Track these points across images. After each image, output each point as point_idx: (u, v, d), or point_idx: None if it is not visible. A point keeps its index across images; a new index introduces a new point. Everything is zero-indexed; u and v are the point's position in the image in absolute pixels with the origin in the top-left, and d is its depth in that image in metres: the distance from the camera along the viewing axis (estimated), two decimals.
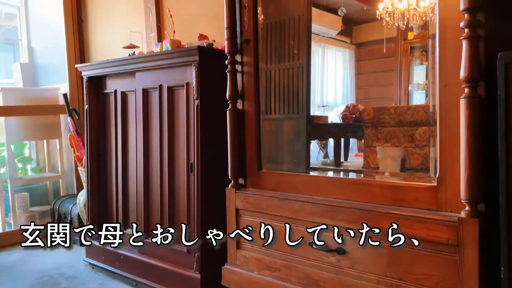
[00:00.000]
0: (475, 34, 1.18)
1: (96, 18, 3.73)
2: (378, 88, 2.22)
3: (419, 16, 1.96)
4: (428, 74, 1.94)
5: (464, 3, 1.19)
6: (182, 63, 2.12)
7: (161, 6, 3.01)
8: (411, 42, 2.05)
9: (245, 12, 1.87)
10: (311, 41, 2.16)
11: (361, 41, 2.24)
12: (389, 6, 2.01)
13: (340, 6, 2.20)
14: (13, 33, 5.38)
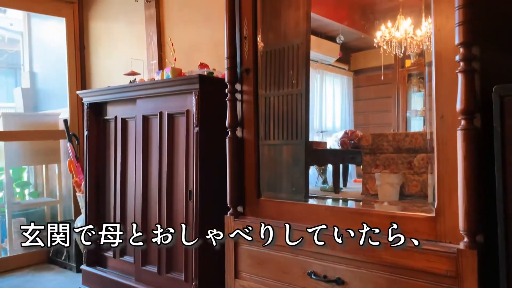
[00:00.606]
0: (470, 68, 1.21)
1: (98, 45, 3.79)
2: (377, 114, 2.23)
3: (416, 45, 1.99)
4: (425, 101, 1.96)
5: (459, 37, 1.22)
6: (183, 91, 2.15)
7: (163, 34, 3.07)
8: (409, 70, 2.07)
9: (245, 42, 1.91)
10: (310, 68, 2.19)
11: (359, 68, 2.27)
12: (386, 34, 2.05)
13: (338, 34, 2.25)
14: (15, 57, 5.45)
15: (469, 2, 1.21)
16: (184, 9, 2.93)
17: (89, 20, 3.86)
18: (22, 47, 4.89)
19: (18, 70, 5.52)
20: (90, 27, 3.86)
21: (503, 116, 1.14)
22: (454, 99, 1.25)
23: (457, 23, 1.22)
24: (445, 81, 1.30)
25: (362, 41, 2.26)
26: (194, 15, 2.86)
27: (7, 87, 5.96)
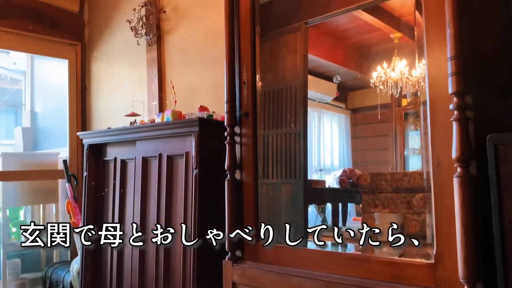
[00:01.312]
0: (464, 117, 1.24)
1: (99, 86, 3.86)
2: (374, 152, 2.24)
3: (411, 85, 2.03)
4: (421, 140, 1.98)
5: (452, 87, 1.25)
6: (183, 133, 2.18)
7: (164, 76, 3.13)
8: (405, 109, 2.10)
9: (244, 87, 1.95)
10: (308, 108, 2.22)
11: (356, 106, 2.30)
12: (382, 75, 2.09)
13: (335, 74, 2.29)
14: (17, 95, 5.52)
15: (461, 53, 1.25)
16: (185, 53, 3.01)
17: (92, 62, 3.95)
18: (24, 87, 4.97)
19: (19, 108, 5.58)
20: (92, 69, 3.94)
21: (498, 164, 1.16)
22: (449, 146, 1.27)
23: (450, 73, 1.26)
24: (440, 128, 1.33)
25: (359, 80, 2.30)
26: (194, 58, 2.93)
27: (7, 124, 6.01)
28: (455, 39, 1.24)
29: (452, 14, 1.25)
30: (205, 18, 2.87)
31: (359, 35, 2.25)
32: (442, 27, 1.31)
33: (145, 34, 3.15)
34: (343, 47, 2.34)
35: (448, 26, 1.25)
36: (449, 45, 1.25)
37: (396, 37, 2.06)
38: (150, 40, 3.16)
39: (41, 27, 3.72)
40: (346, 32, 2.28)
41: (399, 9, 1.96)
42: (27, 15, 3.64)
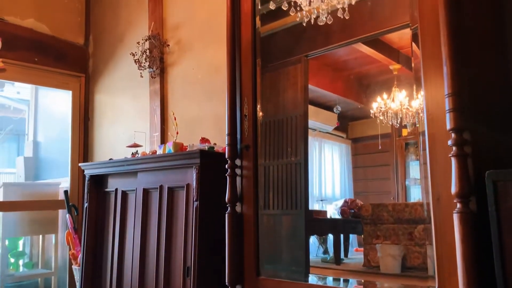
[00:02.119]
0: (462, 152, 1.25)
1: (102, 117, 3.90)
2: (376, 182, 2.24)
3: (412, 115, 2.05)
4: (421, 170, 1.98)
5: (450, 123, 1.27)
6: (184, 165, 2.19)
7: (166, 108, 3.17)
8: (406, 139, 2.10)
9: (245, 120, 1.98)
10: (308, 138, 2.23)
11: (357, 136, 2.30)
12: (382, 106, 2.11)
13: (335, 104, 2.31)
14: (19, 124, 5.57)
15: (458, 90, 1.27)
16: (187, 85, 3.06)
17: (95, 93, 4.01)
18: (27, 117, 5.03)
19: (21, 137, 5.62)
20: (96, 99, 3.99)
21: (497, 200, 1.16)
22: (449, 181, 1.28)
23: (448, 109, 1.28)
24: (439, 163, 1.34)
25: (359, 110, 2.31)
26: (196, 90, 2.98)
27: (9, 152, 6.03)
28: (452, 77, 1.27)
29: (448, 53, 1.28)
30: (207, 51, 2.94)
31: (359, 66, 2.28)
32: (439, 64, 1.34)
33: (148, 66, 3.21)
34: (343, 78, 2.37)
35: (444, 64, 1.29)
36: (446, 82, 1.28)
37: (395, 69, 2.09)
38: (153, 72, 3.21)
39: (46, 59, 3.80)
40: (346, 63, 2.31)
41: (397, 41, 1.99)
42: (33, 47, 3.72)
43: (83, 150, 3.90)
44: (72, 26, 4.00)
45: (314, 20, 1.94)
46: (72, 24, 4.01)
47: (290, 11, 2.01)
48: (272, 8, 2.02)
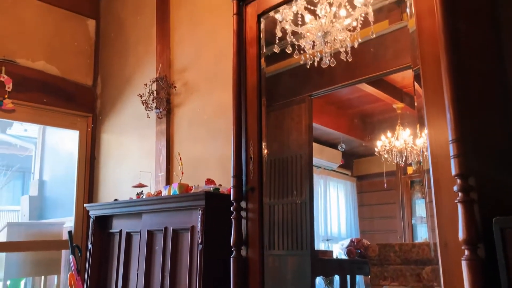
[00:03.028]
0: (468, 198, 1.25)
1: (108, 156, 3.93)
2: (382, 221, 2.22)
3: (416, 154, 2.05)
4: (427, 208, 1.97)
5: (455, 169, 1.28)
6: (189, 207, 2.19)
7: (172, 148, 3.20)
8: (411, 177, 2.10)
9: (251, 162, 1.99)
10: (313, 176, 2.23)
11: (362, 173, 2.30)
12: (386, 144, 2.12)
13: (340, 142, 2.33)
14: (25, 161, 5.61)
15: (462, 136, 1.28)
16: (193, 126, 3.09)
17: (102, 133, 4.06)
18: (34, 155, 5.07)
19: (27, 174, 5.64)
20: (102, 139, 4.04)
21: (505, 248, 1.15)
22: (456, 227, 1.26)
23: (452, 155, 1.29)
24: (446, 209, 1.34)
25: (363, 148, 2.32)
26: (202, 131, 3.01)
27: (14, 189, 6.04)
28: (455, 122, 1.28)
29: (451, 99, 1.30)
30: (213, 93, 2.99)
31: (363, 105, 2.31)
32: (442, 107, 1.36)
33: (155, 107, 3.26)
34: (347, 116, 2.39)
35: (448, 110, 1.30)
36: (450, 128, 1.29)
37: (398, 107, 2.12)
38: (160, 113, 3.26)
39: (55, 100, 3.88)
40: (349, 102, 2.34)
41: (400, 80, 2.02)
42: (42, 88, 3.81)
43: (88, 189, 3.91)
44: (81, 67, 4.11)
45: (317, 63, 1.99)
46: (81, 65, 4.12)
47: (294, 54, 2.07)
48: (277, 51, 2.08)
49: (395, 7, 1.88)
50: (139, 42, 3.75)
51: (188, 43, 3.25)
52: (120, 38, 4.00)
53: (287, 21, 2.05)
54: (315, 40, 2.00)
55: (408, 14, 1.62)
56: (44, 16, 3.94)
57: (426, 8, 1.48)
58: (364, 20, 1.92)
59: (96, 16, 4.26)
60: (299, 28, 2.03)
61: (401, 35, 1.75)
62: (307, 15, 2.02)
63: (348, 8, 1.93)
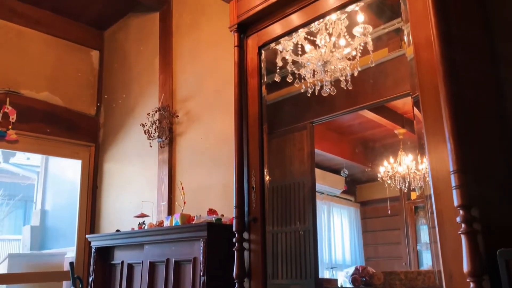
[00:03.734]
0: (472, 230, 1.24)
1: (110, 185, 3.93)
2: (387, 247, 2.19)
3: (419, 179, 2.03)
4: (430, 234, 1.94)
5: (458, 200, 1.27)
6: (191, 238, 2.17)
7: (174, 177, 3.20)
8: (415, 202, 2.07)
9: (253, 192, 1.98)
10: (316, 201, 2.21)
11: (365, 199, 2.28)
12: (389, 169, 2.11)
13: (342, 168, 2.31)
14: (27, 190, 5.60)
15: (463, 167, 1.28)
16: (196, 154, 3.10)
17: (104, 162, 4.07)
18: (36, 185, 5.07)
19: (29, 203, 5.63)
20: (105, 168, 4.05)
21: (511, 280, 1.13)
22: (460, 258, 1.25)
23: (454, 186, 1.28)
24: (449, 241, 1.32)
25: (366, 174, 2.30)
26: (204, 160, 3.02)
27: (15, 218, 6.02)
28: (456, 153, 1.28)
29: (451, 130, 1.30)
30: (215, 122, 3.01)
31: (364, 130, 2.31)
32: (441, 135, 1.35)
33: (157, 137, 3.28)
34: (349, 141, 2.39)
35: (448, 140, 1.30)
36: (451, 159, 1.29)
37: (400, 133, 2.11)
38: (162, 142, 3.28)
39: (58, 130, 3.91)
40: (351, 128, 2.34)
41: (401, 106, 2.03)
42: (46, 119, 3.85)
43: (90, 219, 3.89)
44: (84, 97, 4.16)
45: (318, 91, 2.01)
46: (84, 95, 4.17)
47: (294, 83, 2.10)
48: (277, 80, 2.10)
49: (394, 35, 1.91)
50: (142, 72, 3.80)
51: (190, 73, 3.30)
52: (123, 68, 4.06)
53: (288, 51, 2.08)
54: (315, 69, 2.03)
55: (406, 42, 1.64)
56: (49, 48, 4.01)
57: (424, 39, 1.50)
58: (364, 49, 1.94)
59: (99, 47, 4.34)
60: (299, 58, 2.06)
61: (401, 62, 1.76)
62: (307, 45, 2.05)
63: (347, 38, 1.96)
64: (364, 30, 1.93)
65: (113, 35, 4.31)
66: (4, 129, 3.55)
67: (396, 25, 1.80)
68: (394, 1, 1.70)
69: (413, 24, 1.56)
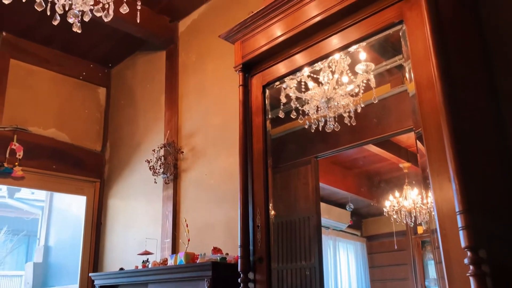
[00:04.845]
0: (480, 272, 1.21)
1: (114, 222, 3.91)
2: (394, 283, 2.14)
3: (426, 213, 2.01)
4: (437, 270, 1.90)
5: (465, 241, 1.25)
6: (195, 277, 2.14)
7: (178, 214, 3.19)
8: (422, 237, 2.05)
9: (258, 231, 1.96)
10: (322, 236, 2.18)
11: (372, 234, 2.25)
12: (395, 204, 2.09)
13: (348, 202, 2.30)
14: (31, 224, 5.58)
15: (470, 208, 1.26)
16: (200, 191, 3.10)
17: (109, 198, 4.06)
18: (40, 221, 5.05)
19: (32, 238, 5.60)
20: (109, 204, 4.04)
21: None
22: None
23: (460, 227, 1.26)
24: (458, 282, 1.29)
25: (372, 208, 2.29)
26: (209, 196, 3.01)
27: (18, 253, 5.96)
28: (461, 194, 1.27)
29: (455, 170, 1.30)
30: (220, 158, 3.02)
31: (369, 164, 2.31)
32: (446, 175, 1.35)
33: (162, 173, 3.29)
34: (354, 175, 2.39)
35: (453, 181, 1.29)
36: (456, 199, 1.28)
37: (405, 167, 2.11)
38: (167, 178, 3.28)
39: (64, 166, 3.93)
40: (355, 161, 2.34)
41: (405, 140, 2.03)
42: (52, 155, 3.88)
43: (93, 256, 3.85)
44: (90, 134, 4.20)
45: (322, 127, 2.03)
46: (91, 132, 4.22)
47: (298, 119, 2.12)
48: (281, 116, 2.13)
49: (396, 71, 1.93)
50: (148, 108, 3.85)
51: (195, 109, 3.34)
52: (129, 105, 4.12)
53: (291, 88, 2.11)
54: (318, 105, 2.05)
55: (407, 78, 1.66)
56: (57, 85, 4.09)
57: (426, 79, 1.52)
58: (366, 85, 1.97)
59: (107, 84, 4.42)
60: (303, 95, 2.09)
61: (403, 97, 1.78)
62: (310, 82, 2.09)
63: (350, 75, 1.99)
64: (366, 68, 1.96)
65: (120, 72, 4.40)
66: (11, 165, 3.57)
67: (398, 61, 1.83)
68: (395, 39, 1.74)
69: (414, 63, 1.58)
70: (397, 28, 1.70)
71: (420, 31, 1.55)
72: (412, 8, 1.59)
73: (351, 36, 1.82)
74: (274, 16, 2.04)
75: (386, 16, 1.68)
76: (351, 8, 1.78)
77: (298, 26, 1.94)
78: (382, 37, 1.80)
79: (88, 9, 1.62)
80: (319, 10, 1.86)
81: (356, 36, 1.80)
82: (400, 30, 1.68)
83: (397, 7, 1.65)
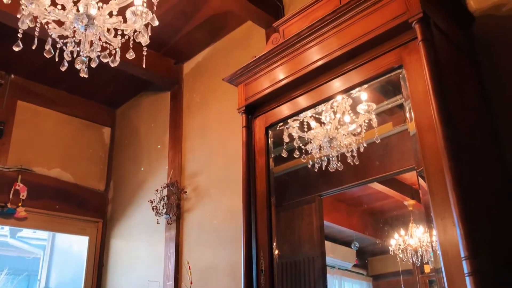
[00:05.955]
0: None
1: (116, 263, 3.86)
2: None
3: (432, 251, 1.97)
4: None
5: (471, 287, 1.22)
6: None
7: (181, 255, 3.14)
8: (429, 276, 2.01)
9: (262, 276, 1.93)
10: (327, 276, 2.15)
11: (378, 273, 2.21)
12: (401, 242, 2.06)
13: (353, 240, 2.27)
14: (31, 264, 5.48)
15: (475, 253, 1.24)
16: (203, 231, 3.07)
17: (111, 238, 4.02)
18: (42, 260, 4.98)
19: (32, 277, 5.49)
20: (111, 245, 3.99)
21: None
22: None
23: (467, 273, 1.24)
24: None
25: (378, 246, 2.25)
26: (212, 237, 2.98)
27: None
28: (466, 240, 1.25)
29: (459, 215, 1.28)
30: (223, 198, 3.01)
31: (373, 202, 2.30)
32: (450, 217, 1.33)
33: (165, 213, 3.27)
34: (358, 213, 2.37)
35: (457, 225, 1.28)
36: (462, 245, 1.26)
37: (410, 204, 2.09)
38: (170, 219, 3.26)
39: (67, 207, 3.92)
40: (360, 199, 2.33)
41: (409, 178, 2.03)
42: (55, 195, 3.87)
43: None
44: (94, 173, 4.21)
45: (325, 166, 2.04)
46: (95, 171, 4.23)
47: (301, 158, 2.13)
48: (284, 156, 2.14)
49: (397, 110, 1.96)
50: (152, 148, 3.88)
51: (199, 149, 3.36)
52: (133, 145, 4.15)
53: (294, 128, 2.14)
54: (321, 145, 2.07)
55: (408, 117, 1.68)
56: (62, 126, 4.14)
57: (427, 123, 1.52)
58: (368, 124, 1.99)
59: (111, 124, 4.47)
60: (305, 134, 2.12)
61: (405, 136, 1.79)
62: (312, 122, 2.11)
63: (352, 115, 2.02)
64: (368, 108, 1.99)
65: (125, 112, 4.46)
66: (14, 206, 3.57)
67: (399, 100, 1.85)
68: (396, 79, 1.77)
69: (415, 106, 1.60)
70: (397, 72, 1.73)
71: (419, 75, 1.58)
72: (411, 53, 1.63)
73: (353, 80, 1.85)
74: (276, 60, 2.09)
75: (386, 60, 1.72)
76: (352, 53, 1.82)
77: (301, 70, 1.98)
78: (383, 78, 1.84)
79: (95, 56, 1.67)
80: (321, 54, 1.91)
81: (358, 80, 1.84)
82: (400, 73, 1.72)
83: (396, 52, 1.69)
